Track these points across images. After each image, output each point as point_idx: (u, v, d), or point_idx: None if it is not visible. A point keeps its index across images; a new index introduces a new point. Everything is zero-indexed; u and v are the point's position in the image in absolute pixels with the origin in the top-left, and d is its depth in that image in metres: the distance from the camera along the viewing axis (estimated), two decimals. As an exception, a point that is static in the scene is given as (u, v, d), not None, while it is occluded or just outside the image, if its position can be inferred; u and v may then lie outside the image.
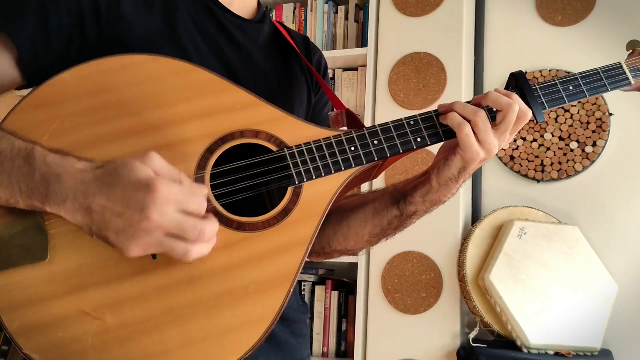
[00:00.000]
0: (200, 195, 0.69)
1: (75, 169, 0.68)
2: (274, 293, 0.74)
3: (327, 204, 0.80)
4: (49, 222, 0.71)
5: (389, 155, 0.83)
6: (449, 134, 0.84)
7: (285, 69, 1.03)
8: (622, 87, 0.90)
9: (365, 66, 2.27)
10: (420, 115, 0.85)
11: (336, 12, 2.50)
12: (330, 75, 2.43)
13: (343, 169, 0.81)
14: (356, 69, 2.42)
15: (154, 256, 0.71)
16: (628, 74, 0.90)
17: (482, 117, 0.82)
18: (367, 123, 2.20)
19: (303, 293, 2.31)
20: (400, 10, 2.21)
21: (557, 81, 0.87)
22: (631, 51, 0.95)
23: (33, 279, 0.69)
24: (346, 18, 2.48)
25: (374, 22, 2.26)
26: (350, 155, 0.82)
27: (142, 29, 0.85)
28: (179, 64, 0.80)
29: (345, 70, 2.43)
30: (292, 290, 0.75)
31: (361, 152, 0.82)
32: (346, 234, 0.99)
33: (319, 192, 0.80)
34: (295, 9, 2.54)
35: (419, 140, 0.84)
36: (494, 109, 0.84)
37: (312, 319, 2.27)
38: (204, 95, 0.80)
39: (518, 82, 0.87)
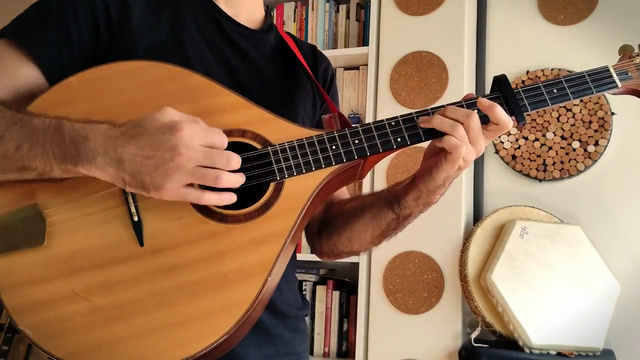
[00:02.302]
0: (219, 132, 0.77)
1: (100, 129, 0.75)
2: (252, 281, 0.79)
3: (307, 199, 0.84)
4: (48, 210, 0.79)
5: (368, 154, 0.87)
6: (429, 135, 0.87)
7: (290, 77, 1.08)
8: (608, 89, 0.91)
9: (367, 65, 2.27)
10: (401, 116, 0.88)
11: (337, 11, 2.49)
12: (331, 74, 2.42)
13: (323, 166, 0.85)
14: (357, 68, 2.41)
15: (141, 243, 0.78)
16: (615, 77, 0.91)
17: (475, 119, 0.85)
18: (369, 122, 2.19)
19: (304, 292, 2.30)
20: (401, 9, 2.20)
21: (540, 84, 0.89)
22: (622, 55, 0.96)
23: (31, 262, 0.77)
24: (347, 17, 2.48)
25: (375, 21, 2.26)
26: (330, 153, 0.86)
27: (149, 39, 0.92)
28: (176, 70, 0.87)
29: (346, 69, 2.43)
30: (270, 279, 0.80)
31: (342, 151, 0.86)
32: (350, 237, 1.05)
33: (300, 188, 0.85)
34: (296, 7, 2.53)
35: (399, 140, 0.87)
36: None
37: (313, 318, 2.27)
38: (197, 98, 0.86)
39: (501, 86, 0.89)
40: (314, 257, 2.18)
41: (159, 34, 0.93)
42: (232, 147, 0.84)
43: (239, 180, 0.78)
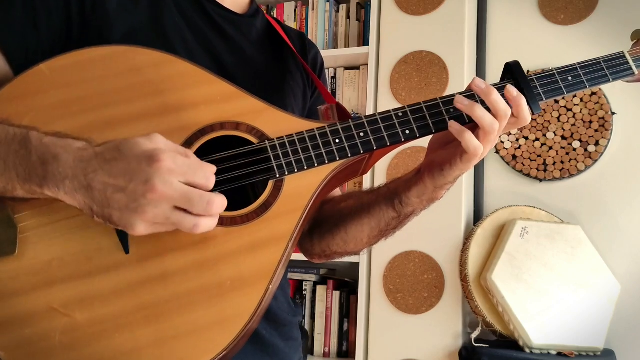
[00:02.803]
0: (207, 170, 0.67)
1: (73, 147, 0.66)
2: (251, 291, 0.71)
3: (310, 199, 0.77)
4: (19, 215, 0.69)
5: (375, 148, 0.79)
6: (440, 127, 0.80)
7: (278, 64, 1.01)
8: (624, 77, 0.86)
9: (367, 65, 2.26)
10: (409, 106, 0.81)
11: (337, 11, 2.49)
12: (332, 74, 2.42)
13: (326, 161, 0.78)
14: (357, 68, 2.41)
15: (127, 251, 0.70)
16: (631, 63, 0.86)
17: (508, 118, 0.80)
18: (369, 122, 2.19)
19: (304, 293, 2.30)
20: (402, 8, 2.20)
21: (555, 71, 0.84)
22: (635, 40, 0.91)
23: (1, 274, 0.68)
24: (347, 16, 2.48)
25: (375, 21, 2.25)
26: (334, 148, 0.78)
27: (127, 22, 0.83)
28: (160, 55, 0.78)
29: (346, 69, 2.42)
30: (271, 288, 0.72)
31: (346, 144, 0.79)
32: (345, 239, 0.97)
33: (301, 186, 0.77)
34: (296, 7, 2.53)
35: (407, 132, 0.80)
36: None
37: (313, 318, 2.27)
38: (184, 87, 0.78)
39: (513, 73, 0.84)
40: (314, 257, 2.19)
41: (137, 16, 0.85)
42: (225, 141, 0.78)
43: (214, 226, 0.68)
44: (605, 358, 1.82)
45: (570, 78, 0.84)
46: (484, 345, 1.84)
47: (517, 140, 2.16)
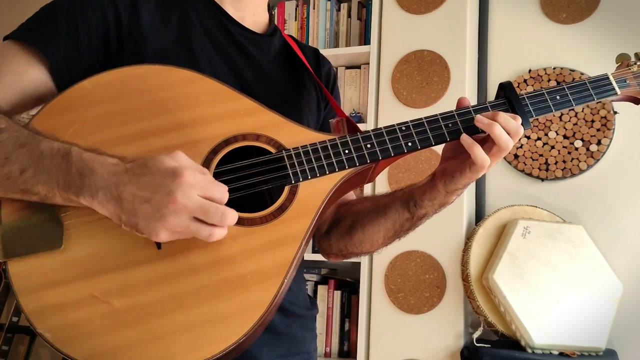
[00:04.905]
0: (222, 187, 0.76)
1: (108, 162, 0.75)
2: (268, 283, 0.80)
3: (322, 202, 0.86)
4: (65, 213, 0.78)
5: (380, 158, 0.89)
6: (439, 140, 0.90)
7: (295, 80, 1.10)
8: (608, 97, 0.95)
9: (368, 64, 2.26)
10: (411, 121, 0.90)
11: (338, 10, 2.49)
12: (333, 74, 2.42)
13: (337, 170, 0.87)
14: (359, 67, 2.40)
15: (159, 246, 0.78)
16: (614, 84, 0.95)
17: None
18: (370, 121, 2.19)
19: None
20: (403, 7, 2.20)
21: (544, 91, 0.92)
22: (619, 63, 1.00)
23: (49, 265, 0.76)
24: (349, 15, 2.47)
25: (376, 20, 2.25)
26: (343, 157, 0.88)
27: (158, 43, 0.93)
28: (190, 74, 0.88)
29: (347, 68, 2.42)
30: (286, 281, 0.81)
31: (354, 155, 0.88)
32: (361, 239, 1.05)
33: (314, 191, 0.86)
34: (297, 6, 2.53)
35: (409, 144, 0.89)
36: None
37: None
38: (212, 102, 0.87)
39: (506, 92, 0.91)
40: (315, 257, 2.18)
41: (168, 38, 0.94)
42: (247, 151, 0.86)
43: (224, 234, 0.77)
44: (607, 358, 1.82)
45: (558, 97, 0.93)
46: (485, 345, 1.84)
47: (519, 139, 2.16)
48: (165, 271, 0.78)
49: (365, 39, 2.41)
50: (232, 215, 0.75)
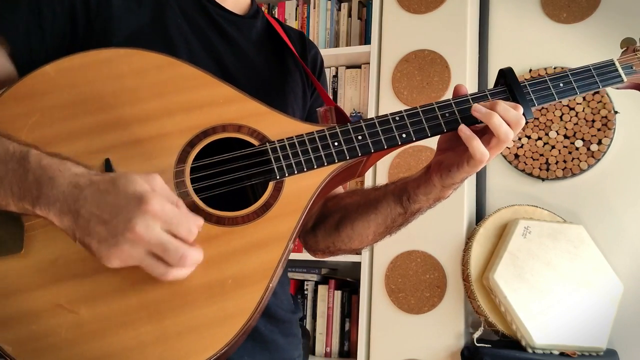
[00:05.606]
0: (193, 223, 0.67)
1: (70, 172, 0.67)
2: (252, 289, 0.73)
3: (309, 200, 0.79)
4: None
5: (372, 151, 0.82)
6: (436, 131, 0.83)
7: (278, 64, 1.02)
8: (614, 84, 0.89)
9: (369, 64, 2.26)
10: (405, 110, 0.84)
11: (339, 9, 2.49)
12: (333, 73, 2.41)
13: (325, 164, 0.80)
14: (359, 67, 2.40)
15: None
16: (620, 71, 0.89)
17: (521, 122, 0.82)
18: (370, 121, 2.18)
19: (306, 292, 2.30)
20: (403, 7, 2.19)
21: (546, 78, 0.86)
22: (625, 48, 0.94)
23: (8, 271, 0.69)
24: (349, 15, 2.47)
25: (377, 19, 2.25)
26: (333, 150, 0.81)
27: (130, 23, 0.85)
28: (163, 58, 0.80)
29: (348, 67, 2.42)
30: (272, 286, 0.74)
31: (344, 147, 0.81)
32: (350, 235, 0.99)
33: (301, 187, 0.80)
34: (297, 5, 2.53)
35: (404, 135, 0.83)
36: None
37: (315, 318, 2.26)
38: (187, 89, 0.79)
39: (507, 79, 0.86)
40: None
41: (141, 18, 0.86)
42: (227, 143, 0.79)
43: (185, 276, 0.69)
44: (607, 358, 1.82)
45: (561, 84, 0.86)
46: (486, 345, 1.83)
47: (520, 139, 2.16)
48: (136, 277, 0.69)
49: (365, 39, 2.41)
50: (194, 256, 0.67)
